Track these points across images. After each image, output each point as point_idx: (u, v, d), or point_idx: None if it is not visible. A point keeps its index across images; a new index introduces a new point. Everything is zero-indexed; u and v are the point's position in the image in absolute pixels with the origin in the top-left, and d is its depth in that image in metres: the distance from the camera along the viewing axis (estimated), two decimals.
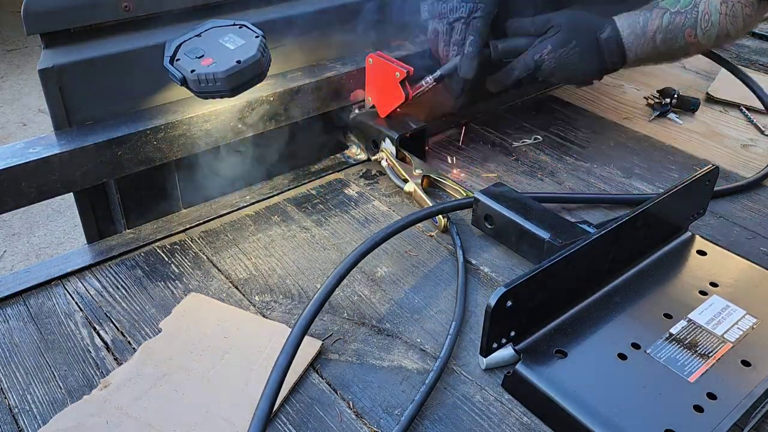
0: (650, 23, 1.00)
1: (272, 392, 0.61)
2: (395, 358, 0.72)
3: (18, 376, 0.69)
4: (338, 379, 0.70)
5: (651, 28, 1.00)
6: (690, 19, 1.00)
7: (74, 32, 0.88)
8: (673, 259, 0.82)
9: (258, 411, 0.59)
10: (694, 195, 0.84)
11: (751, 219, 0.97)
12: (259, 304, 0.79)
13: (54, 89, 0.85)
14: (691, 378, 0.65)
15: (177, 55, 0.88)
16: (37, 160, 0.81)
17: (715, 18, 1.00)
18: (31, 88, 3.56)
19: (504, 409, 0.67)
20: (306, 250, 0.88)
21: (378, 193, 1.01)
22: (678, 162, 1.11)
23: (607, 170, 1.08)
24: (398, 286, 0.83)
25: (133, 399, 0.66)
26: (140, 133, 0.88)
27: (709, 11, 1.00)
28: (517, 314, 0.67)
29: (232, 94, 0.88)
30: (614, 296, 0.76)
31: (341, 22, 1.09)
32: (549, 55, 1.00)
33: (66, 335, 0.74)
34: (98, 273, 0.84)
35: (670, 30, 1.01)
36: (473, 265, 0.86)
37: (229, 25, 0.91)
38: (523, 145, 1.15)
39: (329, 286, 0.70)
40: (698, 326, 0.71)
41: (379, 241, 0.78)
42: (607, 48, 1.01)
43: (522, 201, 0.87)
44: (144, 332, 0.75)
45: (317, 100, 1.04)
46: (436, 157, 1.11)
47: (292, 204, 0.98)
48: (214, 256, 0.87)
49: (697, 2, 1.00)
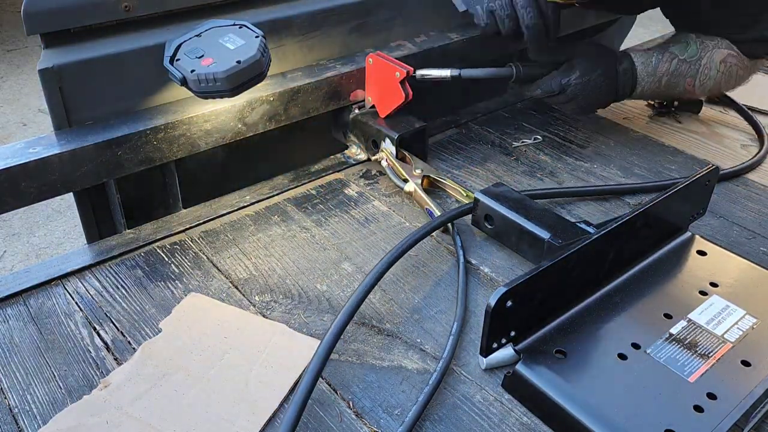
0: (661, 65, 1.07)
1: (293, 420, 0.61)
2: (395, 358, 0.72)
3: (18, 376, 0.69)
4: (338, 379, 0.70)
5: (661, 70, 1.07)
6: (693, 69, 1.08)
7: (74, 32, 0.88)
8: (673, 259, 0.82)
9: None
10: (694, 195, 0.84)
11: (751, 219, 0.97)
12: (259, 304, 0.79)
13: (54, 89, 0.85)
14: (691, 378, 0.65)
15: (177, 55, 0.88)
16: (37, 160, 0.81)
17: (713, 74, 1.09)
18: (31, 88, 3.56)
19: (504, 409, 0.67)
20: (306, 250, 0.88)
21: (378, 193, 1.01)
22: (678, 162, 1.11)
23: (607, 170, 1.08)
24: (398, 286, 0.83)
25: (133, 399, 0.66)
26: (140, 133, 0.88)
27: (709, 66, 1.08)
28: (517, 314, 0.67)
29: (232, 94, 0.88)
30: (614, 296, 0.76)
31: (341, 22, 1.09)
32: (576, 80, 1.03)
33: (66, 335, 0.74)
34: (98, 273, 0.84)
35: (675, 75, 1.09)
36: (473, 265, 0.86)
37: (229, 25, 0.91)
38: (523, 145, 1.15)
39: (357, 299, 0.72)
40: (698, 326, 0.71)
41: (402, 252, 0.79)
42: (623, 79, 1.06)
43: (522, 201, 0.87)
44: (144, 332, 0.75)
45: (317, 100, 1.04)
46: (436, 157, 1.11)
47: (292, 204, 0.98)
48: (214, 256, 0.87)
49: (701, 55, 1.08)
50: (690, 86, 1.10)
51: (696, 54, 1.07)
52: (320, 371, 0.64)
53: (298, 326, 0.76)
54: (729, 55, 1.09)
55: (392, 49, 1.14)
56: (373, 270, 0.74)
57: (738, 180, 1.07)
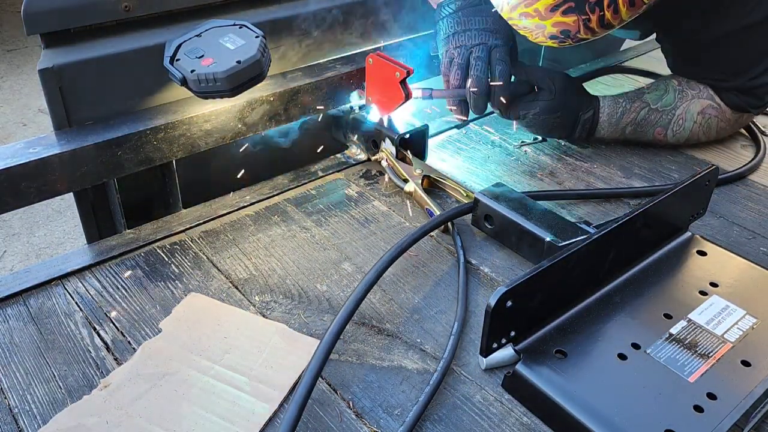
0: (627, 115, 1.08)
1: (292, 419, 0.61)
2: (395, 358, 0.72)
3: (18, 376, 0.69)
4: (338, 379, 0.70)
5: (625, 120, 1.08)
6: (664, 119, 1.08)
7: (74, 32, 0.88)
8: (673, 259, 0.82)
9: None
10: (694, 195, 0.84)
11: (751, 219, 0.97)
12: (259, 304, 0.79)
13: (54, 89, 0.85)
14: (691, 378, 0.65)
15: (177, 55, 0.88)
16: (37, 160, 0.81)
17: (688, 125, 1.09)
18: (31, 88, 3.56)
19: (504, 409, 0.67)
20: (306, 250, 0.88)
21: (378, 193, 1.01)
22: (678, 162, 1.11)
23: (607, 170, 1.08)
24: (398, 286, 0.83)
25: (133, 399, 0.66)
26: (140, 133, 0.88)
27: (684, 117, 1.08)
28: (517, 314, 0.67)
29: (232, 94, 0.88)
30: (614, 296, 0.76)
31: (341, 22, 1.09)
32: (534, 115, 1.05)
33: (66, 335, 0.74)
34: (98, 273, 0.84)
35: (641, 125, 1.09)
36: (473, 265, 0.86)
37: (229, 25, 0.91)
38: (523, 145, 1.15)
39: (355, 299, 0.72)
40: (698, 326, 0.71)
41: (401, 251, 0.79)
42: (581, 125, 1.07)
43: (522, 201, 0.87)
44: (144, 332, 0.75)
45: (317, 100, 1.04)
46: (436, 157, 1.11)
47: (292, 204, 0.98)
48: (214, 256, 0.87)
49: (677, 105, 1.07)
50: (660, 135, 1.10)
51: (672, 103, 1.07)
52: (320, 370, 0.64)
53: (298, 326, 0.76)
54: (709, 107, 1.08)
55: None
56: (372, 268, 0.74)
57: (738, 180, 1.07)
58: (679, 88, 1.08)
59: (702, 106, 1.08)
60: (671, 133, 1.10)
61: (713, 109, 1.08)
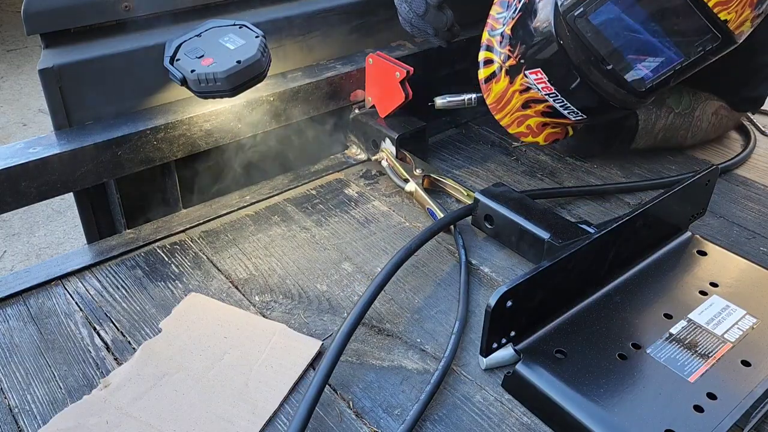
0: (659, 121, 1.07)
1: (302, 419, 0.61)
2: (395, 358, 0.72)
3: (18, 376, 0.69)
4: (338, 379, 0.70)
5: (658, 126, 1.07)
6: (686, 122, 1.09)
7: (74, 32, 0.88)
8: (673, 259, 0.82)
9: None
10: (694, 195, 0.84)
11: (751, 219, 0.97)
12: (259, 304, 0.79)
13: (54, 89, 0.85)
14: (691, 378, 0.65)
15: (177, 55, 0.88)
16: (37, 160, 0.81)
17: (705, 125, 1.10)
18: (31, 88, 3.56)
19: (504, 409, 0.67)
20: (306, 250, 0.88)
21: (378, 193, 1.01)
22: (678, 162, 1.11)
23: (607, 170, 1.08)
24: (399, 286, 0.82)
25: (133, 399, 0.66)
26: (140, 133, 0.88)
27: (701, 119, 1.09)
28: (517, 314, 0.67)
29: (232, 94, 0.88)
30: (614, 296, 0.76)
31: (341, 22, 1.09)
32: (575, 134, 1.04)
33: (66, 335, 0.74)
34: (98, 273, 0.84)
35: (669, 130, 1.09)
36: (473, 265, 0.86)
37: (229, 25, 0.91)
38: (523, 145, 1.15)
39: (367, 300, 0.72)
40: (698, 326, 0.71)
41: (409, 253, 0.80)
42: (624, 133, 1.07)
43: (522, 201, 0.87)
44: (144, 332, 0.75)
45: (317, 100, 1.04)
46: (436, 157, 1.11)
47: (292, 204, 0.98)
48: (214, 256, 0.87)
49: (694, 107, 1.08)
50: (683, 138, 1.11)
51: (689, 106, 1.08)
52: (329, 375, 0.64)
53: (298, 326, 0.76)
54: (720, 107, 1.10)
55: (392, 49, 1.14)
56: (380, 273, 0.75)
57: (738, 180, 1.07)
58: (692, 90, 1.08)
59: (715, 107, 1.09)
60: (691, 135, 1.10)
61: (725, 110, 1.11)
